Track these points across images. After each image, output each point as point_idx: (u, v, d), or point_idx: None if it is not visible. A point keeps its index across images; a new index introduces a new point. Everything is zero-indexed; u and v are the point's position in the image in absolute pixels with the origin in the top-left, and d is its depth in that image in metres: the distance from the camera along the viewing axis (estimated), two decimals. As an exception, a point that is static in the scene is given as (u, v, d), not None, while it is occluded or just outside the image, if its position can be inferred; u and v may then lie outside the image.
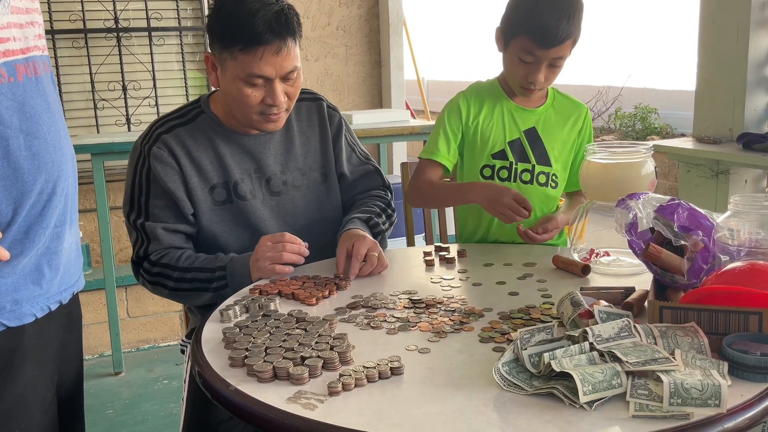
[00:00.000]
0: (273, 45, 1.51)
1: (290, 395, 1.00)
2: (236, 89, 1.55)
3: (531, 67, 1.70)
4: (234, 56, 1.52)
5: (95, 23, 3.45)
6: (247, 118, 1.60)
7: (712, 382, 0.90)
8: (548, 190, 1.82)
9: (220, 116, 1.67)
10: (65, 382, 1.28)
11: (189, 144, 1.64)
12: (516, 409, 0.94)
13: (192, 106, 1.70)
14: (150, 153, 1.61)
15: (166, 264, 1.60)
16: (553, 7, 1.64)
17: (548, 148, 1.82)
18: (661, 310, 1.08)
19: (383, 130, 3.35)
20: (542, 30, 1.64)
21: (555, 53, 1.67)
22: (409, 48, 4.63)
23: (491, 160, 1.82)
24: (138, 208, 1.63)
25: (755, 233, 1.18)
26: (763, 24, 2.39)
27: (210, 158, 1.65)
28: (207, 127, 1.66)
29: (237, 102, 1.58)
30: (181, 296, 1.63)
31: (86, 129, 3.51)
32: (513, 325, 1.23)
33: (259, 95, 1.55)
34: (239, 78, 1.53)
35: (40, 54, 1.15)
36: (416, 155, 5.88)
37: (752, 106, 2.44)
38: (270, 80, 1.54)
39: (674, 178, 5.26)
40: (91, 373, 3.23)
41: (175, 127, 1.65)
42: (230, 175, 1.66)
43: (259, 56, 1.50)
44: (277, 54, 1.51)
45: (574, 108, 1.87)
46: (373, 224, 1.70)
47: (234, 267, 1.56)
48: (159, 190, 1.62)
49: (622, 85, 7.47)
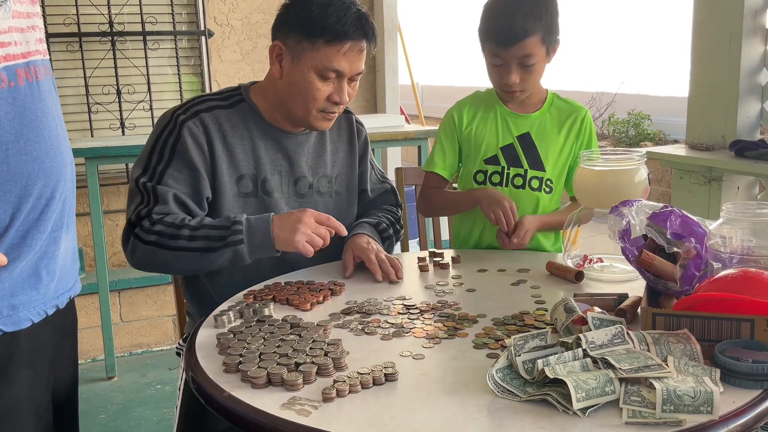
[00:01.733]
0: (358, 43, 1.55)
1: (284, 401, 1.00)
2: (307, 80, 1.55)
3: (502, 70, 1.74)
4: (316, 47, 1.53)
5: (90, 27, 3.44)
6: (306, 112, 1.59)
7: (704, 389, 0.90)
8: (542, 195, 1.83)
9: (260, 108, 1.66)
10: (60, 386, 1.27)
11: (226, 128, 1.61)
12: (510, 415, 0.94)
13: (233, 92, 1.68)
14: (183, 125, 1.57)
15: (170, 223, 1.49)
16: (510, 7, 1.70)
17: (542, 154, 1.83)
18: (654, 316, 1.08)
19: (378, 135, 3.35)
20: (499, 30, 1.70)
21: (518, 52, 1.69)
22: (403, 53, 4.64)
23: (484, 166, 1.85)
24: (152, 173, 1.55)
25: (747, 241, 1.19)
26: (755, 32, 2.41)
27: (244, 147, 1.63)
28: (247, 116, 1.65)
29: (302, 94, 1.57)
30: (183, 260, 1.50)
31: (80, 133, 3.50)
32: (507, 331, 1.23)
33: (327, 90, 1.57)
34: (315, 69, 1.54)
35: (41, 58, 1.15)
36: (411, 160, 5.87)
37: (745, 113, 2.45)
38: (341, 77, 1.57)
39: (667, 185, 5.28)
40: (83, 378, 3.21)
41: (215, 108, 1.62)
42: (261, 169, 1.64)
43: (343, 51, 1.53)
44: (359, 53, 1.56)
45: (571, 111, 1.86)
46: (382, 229, 1.72)
47: (252, 222, 1.49)
48: (182, 163, 1.56)
49: (616, 92, 7.50)
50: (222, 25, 3.70)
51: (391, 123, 3.62)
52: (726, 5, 2.42)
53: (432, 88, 10.26)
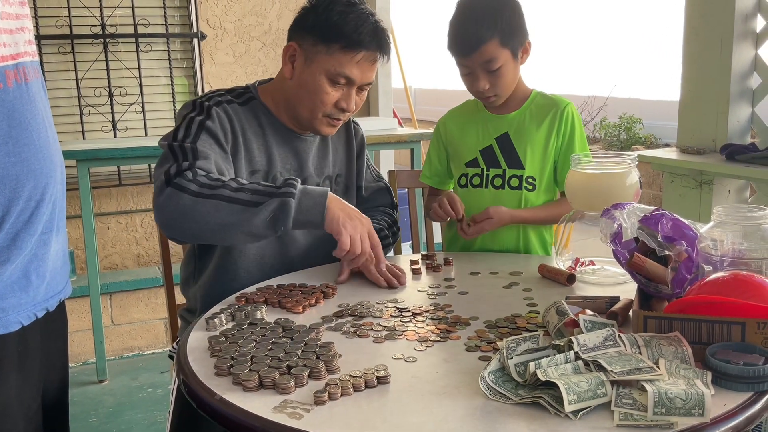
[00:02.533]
0: (373, 53, 1.57)
1: (276, 404, 0.99)
2: (317, 84, 1.57)
3: (470, 77, 1.78)
4: (331, 52, 1.55)
5: (82, 29, 3.43)
6: (312, 116, 1.61)
7: (695, 392, 0.90)
8: (523, 192, 1.83)
9: (270, 108, 1.67)
10: (50, 390, 1.27)
11: (243, 123, 1.63)
12: (501, 418, 0.94)
13: (244, 90, 1.69)
14: (210, 110, 1.57)
15: (216, 178, 1.43)
16: (462, 17, 1.75)
17: (520, 152, 1.84)
18: (645, 319, 1.09)
19: (371, 138, 3.33)
20: (456, 41, 1.75)
21: (479, 58, 1.72)
22: (396, 56, 4.65)
23: (465, 169, 1.89)
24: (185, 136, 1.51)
25: (738, 244, 1.20)
26: (746, 36, 2.42)
27: (258, 144, 1.64)
28: (259, 114, 1.66)
29: (311, 96, 1.58)
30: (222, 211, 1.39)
31: (72, 135, 3.48)
32: (499, 333, 1.23)
33: (335, 96, 1.58)
34: (326, 74, 1.56)
35: (30, 60, 1.14)
36: (403, 163, 5.88)
37: (735, 117, 2.46)
38: (351, 85, 1.58)
39: (658, 188, 5.30)
40: (74, 381, 3.20)
41: (232, 102, 1.64)
42: (273, 166, 1.66)
43: (357, 59, 1.55)
44: (371, 63, 1.58)
45: (551, 106, 1.85)
46: (382, 236, 1.71)
47: (309, 188, 1.45)
48: (211, 139, 1.53)
49: (607, 95, 7.53)
50: (215, 27, 3.69)
51: (384, 126, 3.62)
52: (717, 9, 2.43)
53: (425, 92, 10.28)
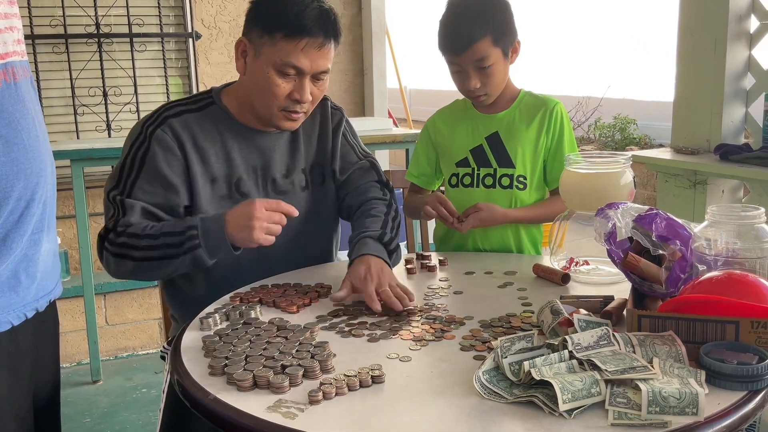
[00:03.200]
0: (317, 39, 1.51)
1: (270, 404, 0.99)
2: (266, 77, 1.53)
3: (461, 76, 1.78)
4: (274, 42, 1.51)
5: (76, 28, 3.42)
6: (269, 111, 1.57)
7: (689, 391, 0.91)
8: (514, 191, 1.84)
9: (232, 110, 1.64)
10: (41, 390, 1.26)
11: (196, 131, 1.60)
12: (496, 417, 0.94)
13: (203, 96, 1.67)
14: (152, 135, 1.56)
15: (132, 233, 1.49)
16: (456, 16, 1.75)
17: (510, 151, 1.84)
18: (639, 318, 1.09)
19: (366, 138, 3.35)
20: (447, 39, 1.75)
21: (471, 57, 1.72)
22: (391, 57, 4.65)
23: (456, 169, 1.89)
24: (123, 186, 1.55)
25: (732, 243, 1.20)
26: (740, 36, 2.43)
27: (216, 150, 1.61)
28: (217, 119, 1.63)
29: (263, 92, 1.55)
30: (148, 268, 1.50)
31: (66, 135, 3.47)
32: (494, 333, 1.24)
33: (287, 88, 1.54)
34: (273, 65, 1.52)
35: (19, 59, 1.14)
36: (398, 163, 5.89)
37: (729, 117, 2.47)
38: (302, 74, 1.53)
39: (652, 188, 5.31)
40: (68, 382, 3.19)
41: (184, 112, 1.61)
42: (234, 171, 1.63)
43: (300, 47, 1.50)
44: (318, 49, 1.52)
45: (540, 106, 1.85)
46: (386, 241, 1.58)
47: (206, 224, 1.47)
48: (152, 174, 1.55)
49: (602, 96, 7.54)
50: (209, 27, 3.69)
51: (379, 126, 3.62)
52: (711, 10, 2.44)
53: (420, 92, 10.29)
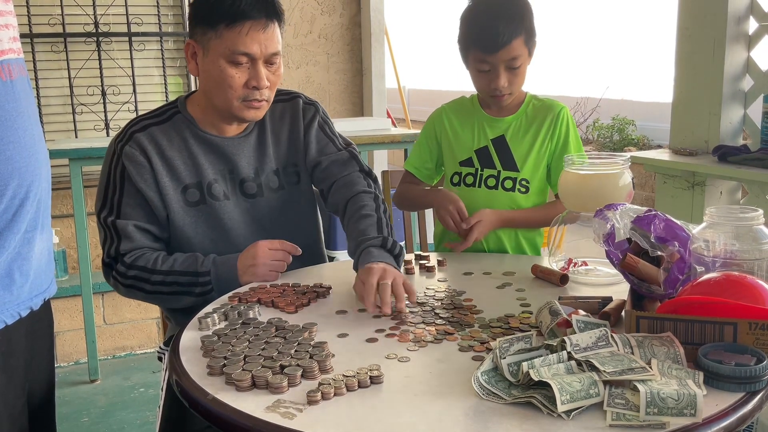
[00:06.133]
0: (259, 21, 1.52)
1: (269, 404, 0.99)
2: (219, 70, 1.54)
3: (490, 75, 1.76)
4: (219, 34, 1.52)
5: (75, 27, 3.42)
6: (228, 105, 1.58)
7: (687, 392, 0.91)
8: (516, 195, 1.85)
9: (196, 118, 1.66)
10: (36, 389, 1.26)
11: (162, 143, 1.62)
12: (494, 418, 0.94)
13: (169, 107, 1.69)
14: (123, 152, 1.60)
15: (142, 267, 1.57)
16: (490, 13, 1.73)
17: (516, 154, 1.85)
18: (638, 319, 1.09)
19: (364, 138, 3.35)
20: (484, 37, 1.72)
21: (505, 55, 1.72)
22: (390, 57, 4.65)
23: (459, 168, 1.89)
24: (110, 206, 1.60)
25: (730, 244, 1.20)
26: (738, 38, 2.43)
27: (183, 158, 1.63)
28: (182, 127, 1.65)
29: (219, 86, 1.56)
30: (159, 299, 1.61)
31: (64, 134, 3.47)
32: (492, 334, 1.24)
33: (242, 77, 1.55)
34: (223, 57, 1.53)
35: (14, 57, 1.13)
36: (397, 163, 5.88)
37: (728, 118, 2.47)
38: (254, 60, 1.54)
39: (651, 189, 5.32)
40: (66, 381, 3.19)
41: (150, 126, 1.63)
42: (204, 176, 1.64)
43: (245, 32, 1.51)
44: (263, 31, 1.53)
45: (547, 111, 1.86)
46: (391, 247, 1.52)
47: (219, 270, 1.55)
48: (132, 189, 1.60)
49: (600, 97, 7.55)
50: (208, 26, 3.68)
51: (377, 126, 3.62)
52: (710, 12, 2.44)
53: (418, 92, 10.29)
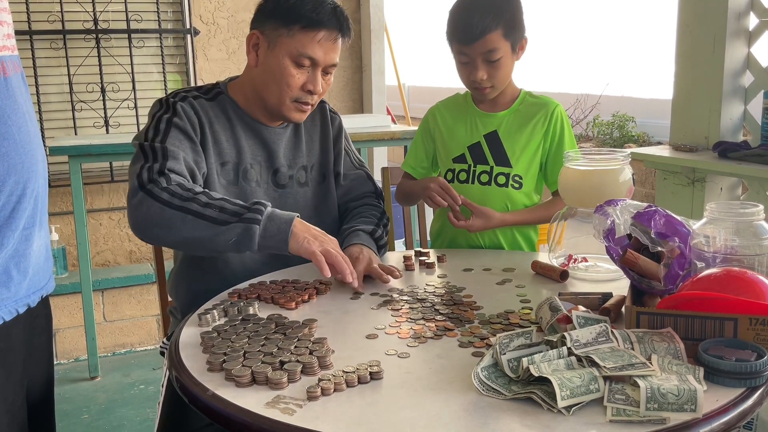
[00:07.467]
0: (333, 32, 1.59)
1: (269, 400, 0.99)
2: (282, 67, 1.58)
3: (468, 67, 1.79)
4: (292, 33, 1.57)
5: (74, 24, 3.42)
6: (280, 101, 1.62)
7: (688, 387, 0.91)
8: (509, 190, 1.85)
9: (239, 102, 1.69)
10: (35, 386, 1.26)
11: (210, 116, 1.64)
12: (494, 413, 0.94)
13: (212, 87, 1.71)
14: (176, 106, 1.59)
15: (188, 187, 1.45)
16: (470, 6, 1.76)
17: (509, 150, 1.85)
18: (638, 315, 1.09)
19: (364, 135, 3.35)
20: (459, 28, 1.76)
21: (481, 47, 1.74)
22: (390, 54, 4.64)
23: (452, 164, 1.91)
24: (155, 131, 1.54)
25: (730, 240, 1.20)
26: (738, 34, 2.43)
27: (227, 136, 1.66)
28: (227, 108, 1.68)
29: (277, 81, 1.60)
30: (189, 224, 1.41)
31: (64, 131, 3.47)
32: (492, 329, 1.24)
33: (301, 78, 1.60)
34: (290, 56, 1.57)
35: (9, 54, 1.13)
36: (397, 160, 5.87)
37: (728, 114, 2.47)
38: (316, 66, 1.59)
39: (651, 186, 5.32)
40: (66, 378, 3.19)
41: (198, 97, 1.66)
42: (242, 158, 1.67)
43: (318, 38, 1.57)
44: (333, 42, 1.60)
45: (540, 107, 1.87)
46: (377, 237, 1.69)
47: (275, 212, 1.45)
48: (180, 134, 1.56)
49: (600, 94, 7.53)
50: (208, 23, 3.68)
51: (377, 123, 3.62)
52: (710, 8, 2.43)
53: (418, 89, 10.27)
